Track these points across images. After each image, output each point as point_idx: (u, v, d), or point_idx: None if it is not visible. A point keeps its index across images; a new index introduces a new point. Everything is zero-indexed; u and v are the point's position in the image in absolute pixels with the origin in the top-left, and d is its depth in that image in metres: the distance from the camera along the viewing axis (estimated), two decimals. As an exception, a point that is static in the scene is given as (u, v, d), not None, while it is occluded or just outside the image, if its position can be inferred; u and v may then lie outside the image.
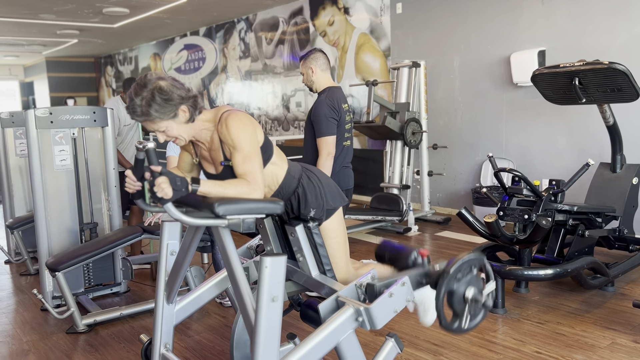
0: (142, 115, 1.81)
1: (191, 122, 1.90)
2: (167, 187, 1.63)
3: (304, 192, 2.05)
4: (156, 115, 1.81)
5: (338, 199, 2.13)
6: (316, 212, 2.04)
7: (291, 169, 2.08)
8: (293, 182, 2.06)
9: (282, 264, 1.65)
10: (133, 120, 1.82)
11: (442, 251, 4.66)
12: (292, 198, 2.08)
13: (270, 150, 2.00)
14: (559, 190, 3.35)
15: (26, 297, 3.88)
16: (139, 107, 1.80)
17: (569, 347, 2.78)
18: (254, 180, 1.80)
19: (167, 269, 2.17)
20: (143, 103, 1.80)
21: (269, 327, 1.64)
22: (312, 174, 2.11)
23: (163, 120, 1.83)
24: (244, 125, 1.86)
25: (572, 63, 3.66)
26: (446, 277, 1.83)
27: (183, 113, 1.86)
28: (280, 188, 2.05)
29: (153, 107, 1.79)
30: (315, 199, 2.05)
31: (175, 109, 1.83)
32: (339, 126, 3.14)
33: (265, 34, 8.72)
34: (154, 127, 1.85)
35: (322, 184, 2.10)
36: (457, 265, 1.85)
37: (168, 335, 2.18)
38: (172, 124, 1.85)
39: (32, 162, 3.41)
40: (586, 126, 4.97)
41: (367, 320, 1.78)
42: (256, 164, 1.83)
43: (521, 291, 3.56)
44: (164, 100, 1.80)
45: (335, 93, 3.17)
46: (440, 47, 6.07)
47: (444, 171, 6.09)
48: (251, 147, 1.85)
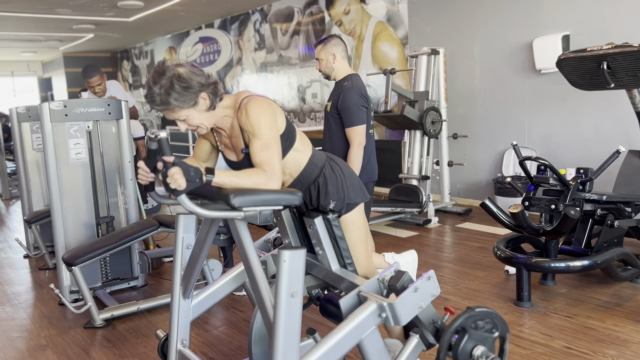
0: (161, 104, 1.74)
1: (212, 109, 1.82)
2: (181, 178, 1.56)
3: (324, 181, 1.96)
4: (176, 104, 1.74)
5: (360, 194, 2.04)
6: (336, 205, 1.96)
7: (315, 156, 1.99)
8: (315, 170, 1.97)
9: (301, 257, 1.57)
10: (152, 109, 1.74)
11: (463, 243, 4.54)
12: (311, 187, 1.99)
13: (293, 136, 1.92)
14: (587, 179, 3.22)
15: (44, 291, 3.87)
16: (157, 96, 1.73)
17: (600, 342, 2.66)
18: (272, 170, 1.72)
19: (182, 263, 2.11)
20: (162, 92, 1.72)
21: (288, 323, 1.56)
22: (335, 164, 2.02)
23: (183, 109, 1.76)
24: (263, 111, 1.77)
25: (600, 46, 3.51)
26: (469, 312, 1.74)
27: (203, 101, 1.78)
28: (301, 175, 1.96)
29: (172, 96, 1.72)
30: (336, 191, 1.96)
31: (195, 96, 1.75)
32: (367, 115, 3.05)
33: (280, 24, 8.62)
34: (174, 116, 1.78)
35: (345, 176, 2.01)
36: (485, 310, 1.76)
37: (185, 330, 2.12)
38: (193, 112, 1.78)
39: (48, 155, 3.38)
40: (612, 113, 4.80)
41: (391, 316, 1.70)
42: (275, 152, 1.75)
43: (548, 284, 3.44)
44: (183, 88, 1.72)
45: (359, 80, 3.08)
46: (460, 34, 5.92)
47: (464, 161, 5.95)
48: (270, 134, 1.76)
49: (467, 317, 1.75)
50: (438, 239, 4.78)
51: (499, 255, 3.28)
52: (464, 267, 3.92)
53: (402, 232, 5.01)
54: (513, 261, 3.17)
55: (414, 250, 2.43)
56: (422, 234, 4.92)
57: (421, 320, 1.83)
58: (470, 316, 1.75)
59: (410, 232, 5.01)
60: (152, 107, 1.76)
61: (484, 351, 1.74)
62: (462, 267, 3.92)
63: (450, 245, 4.54)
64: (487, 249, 4.30)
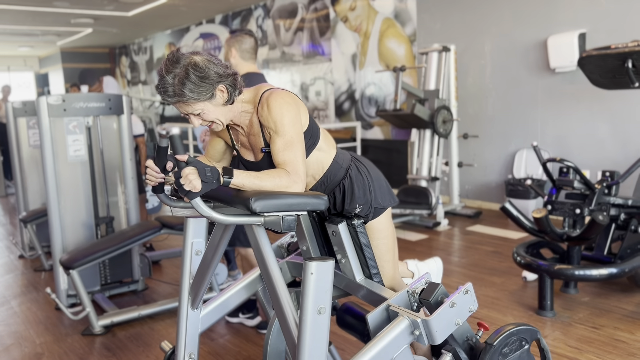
0: (174, 95, 1.55)
1: (230, 103, 1.63)
2: (196, 179, 1.39)
3: (350, 184, 1.78)
4: (191, 96, 1.55)
5: (387, 198, 1.85)
6: (362, 209, 1.78)
7: (339, 156, 1.81)
8: (340, 172, 1.79)
9: (329, 269, 1.41)
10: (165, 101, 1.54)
11: (475, 247, 4.39)
12: (336, 190, 1.81)
13: (317, 134, 1.73)
14: (614, 182, 3.06)
15: (40, 294, 3.70)
16: (170, 87, 1.54)
17: (632, 355, 2.51)
18: (295, 171, 1.55)
19: (192, 271, 1.94)
20: (176, 82, 1.54)
21: (314, 343, 1.40)
22: (361, 164, 1.84)
23: (198, 101, 1.57)
24: (287, 105, 1.59)
25: (625, 44, 3.35)
26: (489, 351, 1.58)
27: (221, 93, 1.60)
28: (325, 177, 1.78)
29: (187, 87, 1.53)
30: (363, 194, 1.79)
31: (212, 88, 1.57)
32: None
33: (284, 21, 8.44)
34: (187, 109, 1.59)
35: (372, 177, 1.83)
36: (503, 337, 1.60)
37: (193, 344, 1.96)
38: (209, 105, 1.59)
39: (45, 152, 3.20)
40: (631, 113, 4.65)
41: (426, 334, 1.54)
42: (299, 151, 1.57)
43: (570, 292, 3.28)
44: (200, 79, 1.54)
45: (253, 81, 2.68)
46: (470, 31, 5.76)
47: (474, 162, 5.80)
48: (294, 131, 1.58)
49: (491, 356, 1.58)
50: (449, 242, 4.62)
51: (519, 261, 3.12)
52: (478, 272, 3.76)
53: (411, 235, 4.85)
54: (534, 267, 3.02)
55: (438, 258, 2.27)
56: (432, 237, 4.76)
57: (454, 337, 1.67)
58: (494, 353, 1.59)
59: (420, 235, 4.85)
60: (164, 99, 1.57)
61: None
62: (477, 272, 3.76)
63: (462, 250, 4.38)
64: (501, 254, 4.14)
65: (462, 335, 1.68)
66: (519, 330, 1.64)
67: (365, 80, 7.11)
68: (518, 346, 1.64)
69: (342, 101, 7.57)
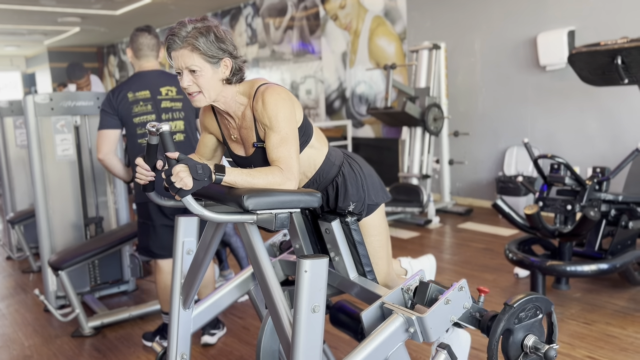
0: (184, 40, 1.53)
1: (226, 83, 1.61)
2: (187, 177, 1.36)
3: (344, 181, 1.77)
4: (201, 48, 1.54)
5: (381, 194, 1.84)
6: (356, 206, 1.76)
7: (331, 153, 1.79)
8: (333, 169, 1.77)
9: (323, 267, 1.39)
10: (166, 51, 1.58)
11: (467, 244, 4.39)
12: (329, 188, 1.79)
13: (310, 131, 1.71)
14: (604, 178, 3.08)
15: (28, 296, 3.64)
16: (185, 33, 1.54)
17: (623, 350, 2.52)
18: (288, 169, 1.53)
19: (183, 271, 1.92)
20: (193, 32, 1.54)
21: (309, 342, 1.38)
22: (354, 162, 1.82)
23: (202, 59, 1.55)
24: (283, 101, 1.57)
25: (614, 41, 3.37)
26: (508, 312, 1.57)
27: (225, 68, 1.60)
28: (317, 175, 1.77)
29: (202, 39, 1.54)
30: (357, 191, 1.77)
31: (221, 55, 1.57)
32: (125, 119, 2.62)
33: (273, 19, 8.41)
34: (187, 62, 1.55)
35: (365, 174, 1.81)
36: (522, 301, 1.60)
37: (185, 344, 1.94)
38: (209, 70, 1.57)
39: (32, 152, 3.16)
40: (620, 110, 4.67)
41: (420, 332, 1.52)
42: (293, 148, 1.55)
43: (561, 288, 3.29)
44: (217, 40, 1.56)
45: (129, 79, 2.66)
46: (460, 29, 5.76)
47: (465, 159, 5.80)
48: (289, 128, 1.56)
49: (508, 317, 1.58)
50: (440, 240, 4.63)
51: (511, 258, 3.13)
52: (470, 270, 3.76)
53: (402, 232, 4.84)
54: (526, 264, 3.02)
55: (431, 255, 2.26)
56: (423, 235, 4.76)
57: None
58: (512, 314, 1.59)
59: (411, 232, 4.84)
60: (168, 43, 1.55)
61: (535, 341, 1.61)
62: (469, 270, 3.76)
63: (453, 247, 4.39)
64: (493, 251, 4.15)
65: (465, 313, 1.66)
66: (537, 299, 1.64)
67: (356, 78, 7.10)
68: (533, 314, 1.64)
69: (332, 99, 7.56)
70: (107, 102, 2.62)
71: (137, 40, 2.66)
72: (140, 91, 2.62)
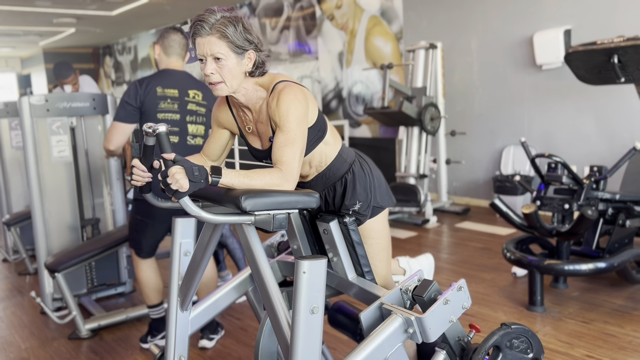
0: (212, 27, 1.54)
1: (248, 75, 1.62)
2: (183, 178, 1.35)
3: (353, 179, 1.77)
4: (228, 37, 1.54)
5: (386, 198, 1.85)
6: (361, 206, 1.77)
7: (344, 151, 1.79)
8: (344, 166, 1.78)
9: (322, 268, 1.38)
10: (190, 38, 1.59)
11: (465, 244, 4.39)
12: (337, 184, 1.79)
13: (324, 128, 1.71)
14: (602, 177, 3.08)
15: (25, 298, 3.62)
16: (214, 21, 1.54)
17: (622, 349, 2.52)
18: (289, 170, 1.51)
19: (180, 272, 1.91)
20: (222, 20, 1.55)
21: (308, 343, 1.37)
22: (364, 162, 1.83)
23: (229, 48, 1.55)
24: (297, 102, 1.56)
25: (610, 39, 3.37)
26: (504, 330, 1.59)
27: (249, 60, 1.61)
28: (327, 170, 1.77)
29: (231, 28, 1.55)
30: (364, 191, 1.78)
31: (247, 46, 1.58)
32: (149, 112, 2.58)
33: (270, 19, 8.40)
34: (213, 49, 1.55)
35: (374, 176, 1.82)
36: (520, 328, 1.62)
37: (183, 346, 1.92)
38: (233, 59, 1.57)
39: (27, 153, 3.14)
40: (616, 109, 4.68)
41: (419, 332, 1.52)
42: (297, 151, 1.54)
43: (559, 287, 3.29)
44: (245, 31, 1.57)
45: (172, 76, 2.63)
46: (457, 28, 5.76)
47: (462, 159, 5.81)
48: (299, 131, 1.55)
49: (502, 335, 1.57)
50: (438, 239, 4.62)
51: (509, 257, 3.12)
52: (468, 269, 3.76)
53: (400, 232, 4.84)
54: (524, 263, 3.02)
55: (430, 254, 2.25)
56: (421, 235, 4.76)
57: (446, 337, 1.66)
58: (506, 334, 1.58)
59: (409, 232, 4.84)
60: (194, 29, 1.55)
61: None
62: (467, 269, 3.76)
63: (451, 246, 4.39)
64: (490, 250, 4.15)
65: (455, 335, 1.66)
66: (533, 337, 1.65)
67: (353, 78, 7.10)
68: (524, 350, 1.65)
69: (329, 99, 7.55)
70: (132, 92, 2.54)
71: (169, 37, 2.65)
72: (169, 88, 2.59)
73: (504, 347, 1.60)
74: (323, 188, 1.82)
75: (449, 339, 1.66)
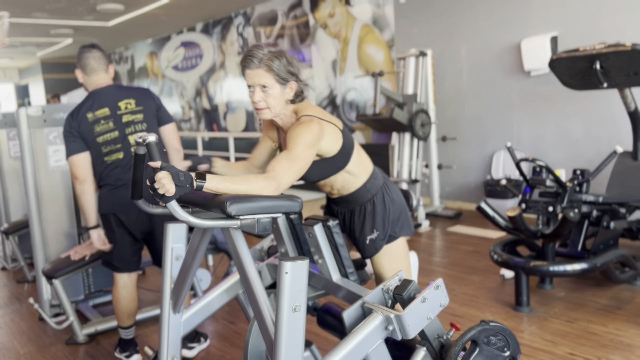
0: (260, 62, 1.76)
1: (289, 102, 1.85)
2: (169, 183, 1.43)
3: (372, 210, 1.98)
4: (274, 70, 1.77)
5: (405, 229, 2.04)
6: (378, 236, 1.97)
7: (370, 182, 1.99)
8: (366, 195, 1.99)
9: (304, 268, 1.46)
10: (242, 69, 1.80)
11: (456, 247, 4.47)
12: (356, 210, 2.00)
13: (346, 160, 1.90)
14: (584, 180, 3.17)
15: (23, 305, 3.69)
16: (262, 55, 1.76)
17: (604, 347, 2.59)
18: (275, 177, 1.62)
19: (172, 276, 1.98)
20: (269, 54, 1.77)
21: (291, 340, 1.45)
22: (388, 195, 2.01)
23: (274, 79, 1.78)
24: (309, 132, 1.75)
25: (592, 46, 3.47)
26: (483, 326, 1.67)
27: (290, 90, 1.83)
28: (350, 196, 1.99)
29: (276, 62, 1.77)
30: (382, 222, 1.98)
31: (290, 78, 1.81)
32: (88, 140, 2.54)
33: (264, 28, 8.51)
34: (261, 80, 1.77)
35: (394, 209, 2.01)
36: (498, 326, 1.70)
37: (175, 347, 2.00)
38: (277, 89, 1.80)
39: (25, 163, 3.22)
40: (602, 113, 4.78)
41: (399, 329, 1.59)
42: (293, 167, 1.68)
43: (546, 287, 3.37)
44: (288, 64, 1.79)
45: (101, 96, 2.60)
46: (447, 35, 5.87)
47: (454, 164, 5.90)
48: (303, 154, 1.71)
49: (480, 330, 1.65)
50: (430, 243, 4.70)
51: (496, 259, 3.20)
52: (458, 271, 3.84)
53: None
54: (511, 265, 3.10)
55: (413, 252, 2.34)
56: (413, 239, 4.83)
57: (426, 335, 1.73)
58: (484, 330, 1.66)
59: (401, 236, 4.91)
60: (244, 63, 1.77)
61: None
62: (457, 271, 3.84)
63: (443, 250, 4.46)
64: (481, 253, 4.23)
65: (434, 332, 1.74)
66: (511, 336, 1.71)
67: (346, 85, 7.19)
68: (501, 347, 1.71)
69: (323, 107, 7.65)
70: (67, 126, 2.55)
71: (82, 57, 2.62)
72: (99, 110, 2.57)
73: (481, 343, 1.68)
74: (343, 210, 2.05)
75: (429, 337, 1.73)
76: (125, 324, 2.72)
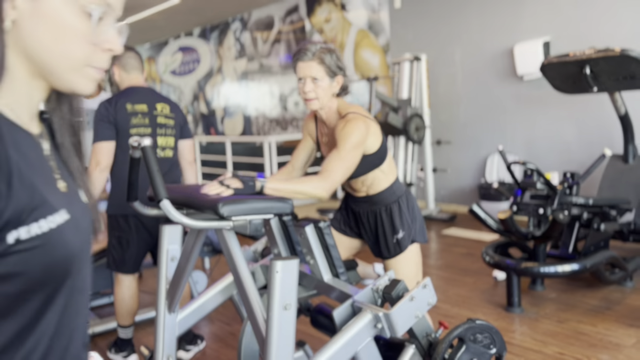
0: (313, 55, 1.88)
1: (334, 96, 1.97)
2: (237, 182, 1.68)
3: (399, 210, 2.05)
4: (326, 63, 1.89)
5: (420, 234, 2.11)
6: (404, 237, 2.04)
7: (397, 184, 2.08)
8: (392, 197, 2.07)
9: (294, 268, 1.50)
10: (294, 62, 1.94)
11: (450, 249, 4.52)
12: (382, 210, 2.07)
13: (383, 158, 2.00)
14: (574, 183, 3.22)
15: (21, 308, 3.72)
16: (315, 49, 1.89)
17: (592, 346, 2.64)
18: (327, 177, 1.78)
19: (167, 277, 2.02)
20: (321, 49, 1.89)
21: (281, 338, 1.49)
22: (411, 202, 2.10)
23: (324, 71, 1.90)
24: (358, 130, 1.86)
25: (582, 51, 3.53)
26: (469, 324, 1.72)
27: (337, 83, 1.96)
28: (376, 195, 2.07)
29: (328, 57, 1.90)
30: (408, 224, 2.06)
31: (338, 72, 1.93)
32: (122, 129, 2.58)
33: (261, 33, 8.57)
34: (312, 72, 1.90)
35: (414, 216, 2.09)
36: (484, 324, 1.74)
37: (171, 347, 2.04)
38: (327, 81, 1.92)
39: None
40: (594, 117, 4.84)
41: (387, 327, 1.64)
42: (343, 166, 1.82)
43: (537, 289, 3.42)
44: (338, 59, 1.93)
45: (136, 93, 2.67)
46: (441, 40, 5.94)
47: (448, 167, 5.95)
48: (352, 153, 1.84)
49: (467, 328, 1.70)
50: (425, 246, 4.74)
51: (488, 261, 3.25)
52: (451, 273, 3.88)
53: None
54: (502, 266, 3.14)
55: None
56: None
57: (415, 333, 1.77)
58: (470, 327, 1.70)
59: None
60: (298, 56, 1.90)
61: None
62: (450, 273, 3.89)
63: (436, 252, 4.51)
64: (474, 255, 4.27)
65: (422, 331, 1.78)
66: (497, 335, 1.75)
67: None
68: (487, 345, 1.75)
69: (320, 111, 7.69)
70: (103, 111, 2.55)
71: (124, 55, 2.72)
72: (138, 104, 2.63)
73: (467, 340, 1.72)
74: (365, 210, 2.10)
75: (417, 335, 1.78)
76: (125, 323, 2.75)
